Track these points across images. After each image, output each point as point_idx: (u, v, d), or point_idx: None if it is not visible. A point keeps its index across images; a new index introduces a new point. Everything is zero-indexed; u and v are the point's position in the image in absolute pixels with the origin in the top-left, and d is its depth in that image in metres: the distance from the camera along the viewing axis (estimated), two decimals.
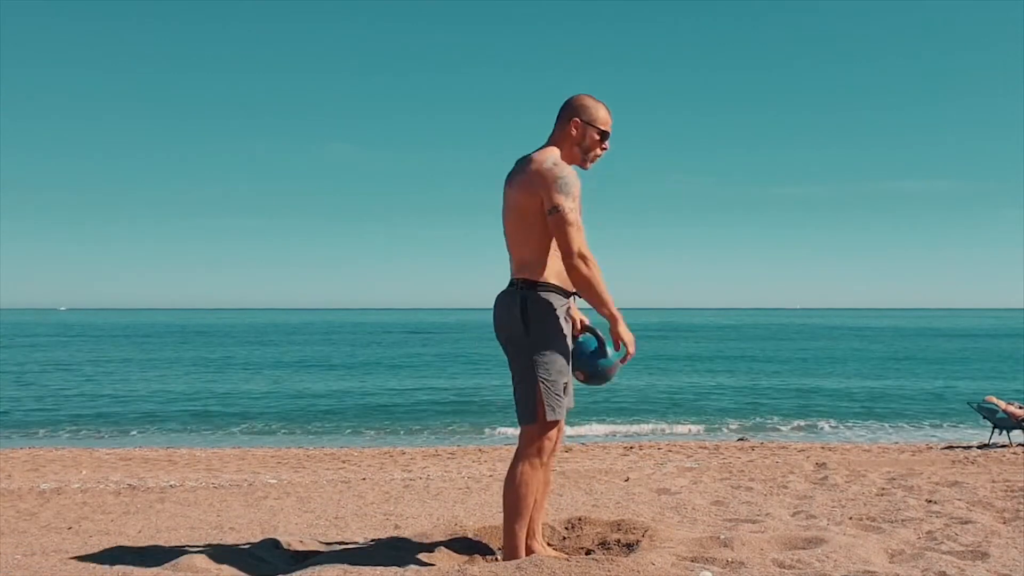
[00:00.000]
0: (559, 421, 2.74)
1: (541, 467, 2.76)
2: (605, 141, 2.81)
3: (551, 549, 3.07)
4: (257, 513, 4.66)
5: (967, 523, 3.56)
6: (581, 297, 2.79)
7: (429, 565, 2.89)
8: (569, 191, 2.64)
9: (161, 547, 3.46)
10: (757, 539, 3.11)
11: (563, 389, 2.73)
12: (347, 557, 3.01)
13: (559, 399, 2.71)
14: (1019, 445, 9.42)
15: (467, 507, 4.69)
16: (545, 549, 2.97)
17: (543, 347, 2.69)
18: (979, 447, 9.53)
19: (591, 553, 3.08)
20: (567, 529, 3.43)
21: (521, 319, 2.69)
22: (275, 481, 6.42)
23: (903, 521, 3.69)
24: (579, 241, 2.63)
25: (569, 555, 2.99)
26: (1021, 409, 9.65)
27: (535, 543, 2.92)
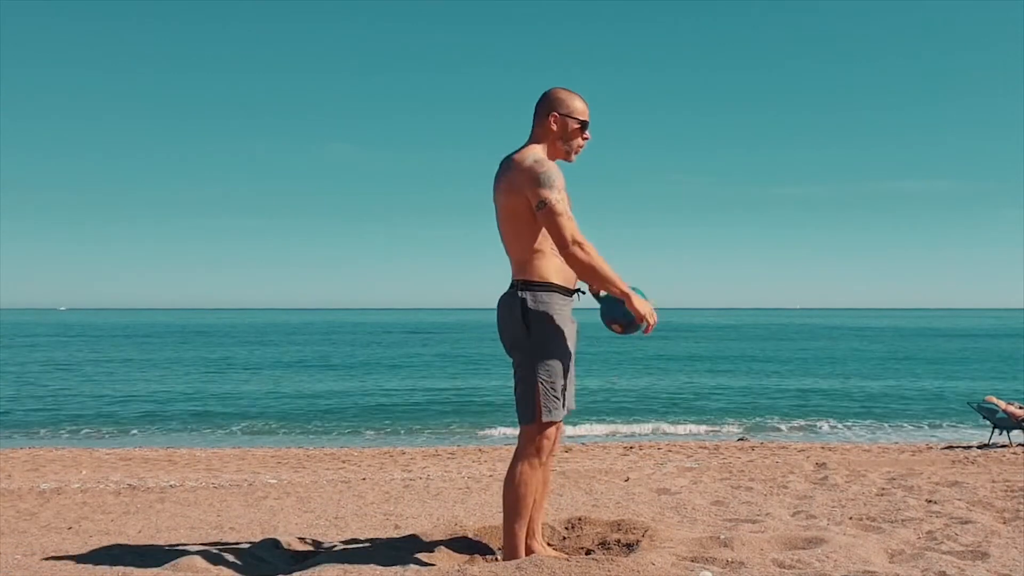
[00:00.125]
0: (557, 422, 2.75)
1: (540, 467, 2.77)
2: (585, 131, 2.83)
3: (551, 549, 3.07)
4: (257, 513, 4.66)
5: (967, 523, 3.56)
6: (589, 284, 2.78)
7: (429, 565, 2.89)
8: (552, 183, 2.64)
9: (161, 547, 3.45)
10: (757, 539, 3.11)
11: (562, 391, 2.74)
12: (347, 557, 3.01)
13: (557, 400, 2.72)
14: (1019, 445, 9.42)
15: (467, 507, 4.69)
16: (545, 549, 2.97)
17: (543, 348, 2.71)
18: (979, 447, 9.54)
19: (591, 553, 3.08)
20: (567, 529, 3.43)
21: (522, 320, 2.70)
22: (275, 481, 6.42)
23: (903, 521, 3.68)
24: (571, 229, 2.63)
25: (569, 555, 2.99)
26: (1021, 409, 9.66)
27: (535, 543, 2.92)
